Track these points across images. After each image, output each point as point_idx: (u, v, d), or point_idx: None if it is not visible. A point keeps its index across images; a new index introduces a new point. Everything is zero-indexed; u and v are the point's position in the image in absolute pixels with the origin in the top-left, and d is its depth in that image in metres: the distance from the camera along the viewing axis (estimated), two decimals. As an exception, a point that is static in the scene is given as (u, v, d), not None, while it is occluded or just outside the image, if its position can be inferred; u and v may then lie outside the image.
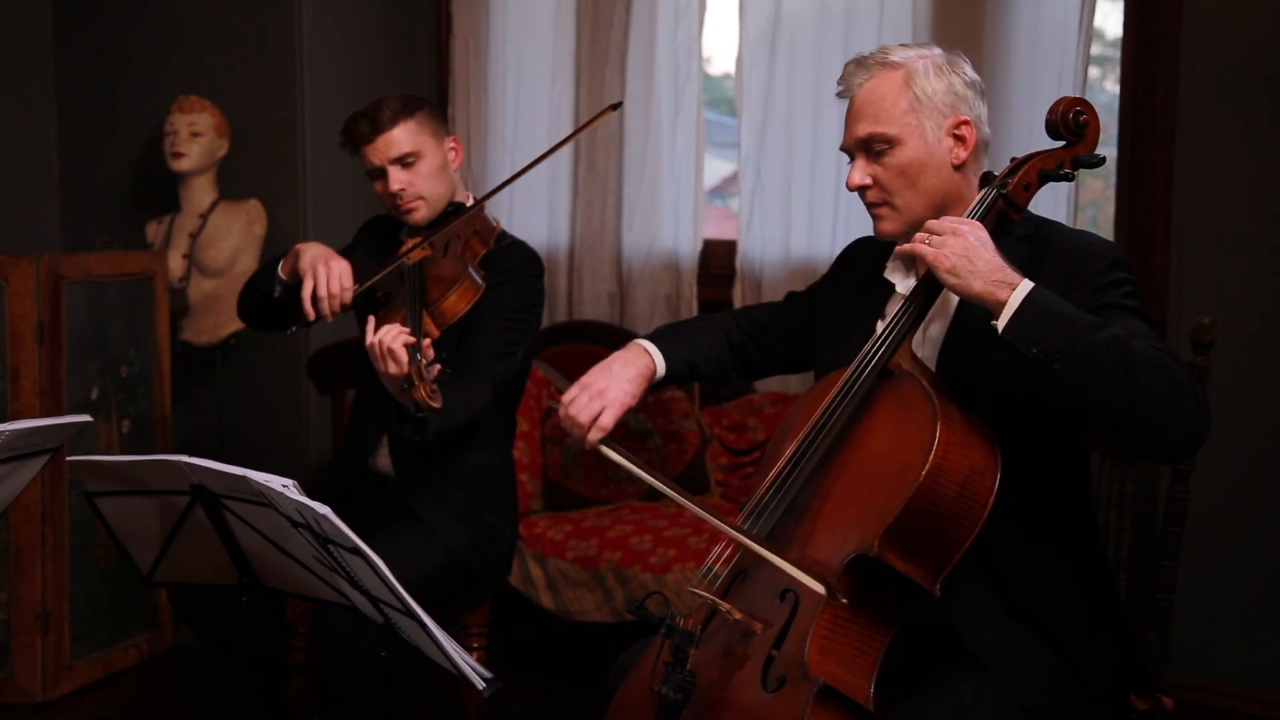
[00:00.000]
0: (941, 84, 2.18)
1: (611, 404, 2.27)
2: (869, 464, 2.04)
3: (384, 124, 2.95)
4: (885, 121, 2.17)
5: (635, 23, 4.28)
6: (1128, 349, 1.90)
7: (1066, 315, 1.95)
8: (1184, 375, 1.92)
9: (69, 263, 3.77)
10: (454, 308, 2.82)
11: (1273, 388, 3.49)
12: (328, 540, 2.07)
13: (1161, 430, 1.92)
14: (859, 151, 2.21)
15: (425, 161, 2.98)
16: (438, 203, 3.03)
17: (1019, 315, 1.94)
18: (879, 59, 2.21)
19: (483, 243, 2.99)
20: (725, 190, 4.80)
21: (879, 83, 2.19)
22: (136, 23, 4.49)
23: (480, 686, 2.05)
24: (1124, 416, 1.91)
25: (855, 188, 2.22)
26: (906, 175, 2.18)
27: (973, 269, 1.98)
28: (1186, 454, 2.00)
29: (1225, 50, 3.51)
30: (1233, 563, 3.56)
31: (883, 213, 2.22)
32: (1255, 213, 3.51)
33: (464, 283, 2.84)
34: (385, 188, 2.99)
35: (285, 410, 4.34)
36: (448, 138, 3.07)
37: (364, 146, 2.97)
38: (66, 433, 2.42)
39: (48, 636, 3.74)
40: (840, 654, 1.96)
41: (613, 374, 2.32)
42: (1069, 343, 1.92)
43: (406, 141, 2.96)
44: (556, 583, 3.69)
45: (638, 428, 3.99)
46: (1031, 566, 2.12)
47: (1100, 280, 2.08)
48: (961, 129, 2.18)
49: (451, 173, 3.08)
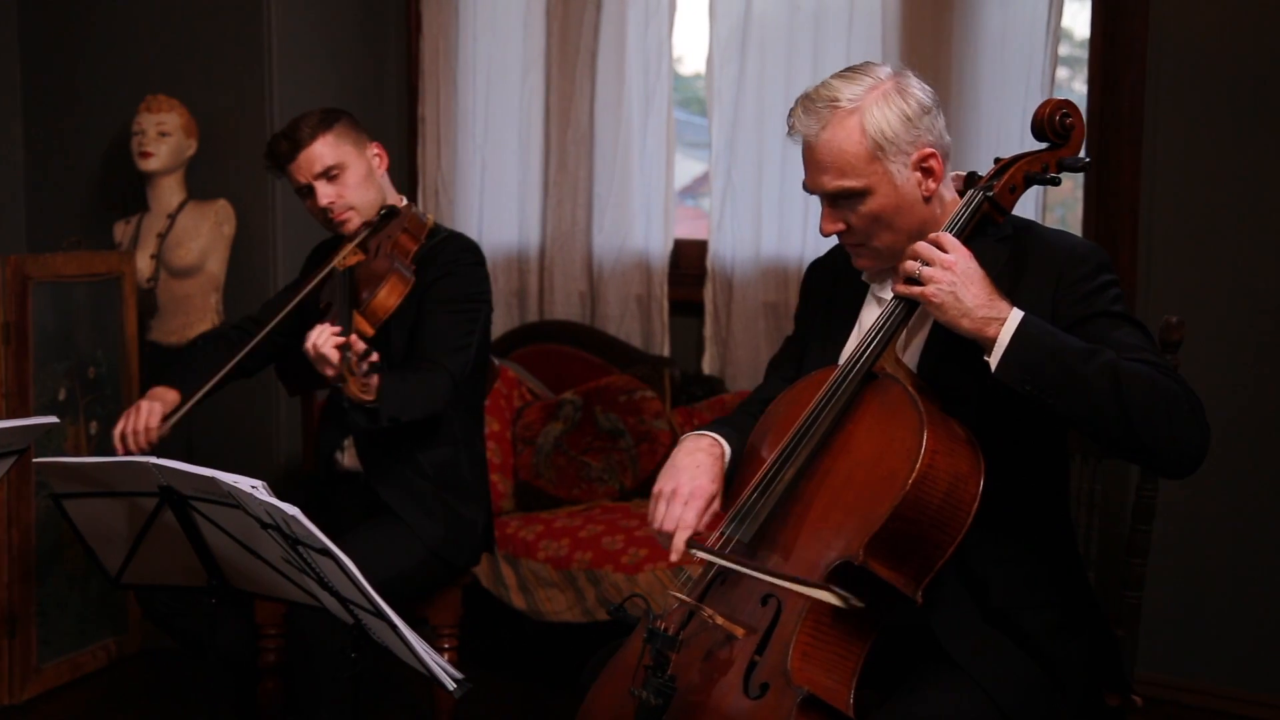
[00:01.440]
0: (897, 117, 2.11)
1: (692, 497, 2.15)
2: (854, 470, 2.03)
3: (304, 140, 2.99)
4: (851, 175, 2.12)
5: (605, 22, 4.28)
6: (1119, 376, 1.92)
7: (1057, 349, 1.95)
8: (1179, 392, 1.95)
9: (35, 263, 3.74)
10: (384, 303, 2.89)
11: (1241, 386, 3.52)
12: (297, 541, 2.06)
13: (1161, 451, 1.95)
14: (826, 203, 2.17)
15: (350, 172, 3.02)
16: (369, 210, 3.06)
17: (1010, 353, 1.95)
18: (828, 101, 2.12)
19: (412, 239, 3.04)
20: (696, 190, 4.80)
21: (835, 133, 2.11)
22: (104, 21, 4.47)
23: (451, 687, 2.04)
24: (1123, 442, 1.95)
25: (829, 235, 2.19)
26: (880, 220, 2.15)
27: (960, 306, 1.98)
28: (1190, 470, 1.99)
29: (1192, 51, 3.53)
30: (1201, 561, 3.59)
31: (859, 252, 2.21)
32: (1222, 212, 3.53)
33: (391, 277, 2.91)
34: (315, 203, 3.03)
35: (254, 411, 4.32)
36: (370, 144, 3.10)
37: (288, 165, 3.02)
38: (33, 434, 2.41)
39: (15, 640, 3.71)
40: (823, 660, 1.95)
41: (681, 470, 2.19)
42: (1062, 378, 1.93)
43: (328, 155, 3.00)
44: (528, 583, 3.69)
45: (609, 427, 3.99)
46: (1009, 570, 2.12)
47: (1087, 286, 2.08)
48: (929, 161, 2.14)
49: (379, 178, 3.11)
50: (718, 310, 4.20)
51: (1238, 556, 3.56)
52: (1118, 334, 2.03)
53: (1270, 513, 3.52)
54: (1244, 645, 3.56)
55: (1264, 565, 3.53)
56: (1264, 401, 3.50)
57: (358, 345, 2.62)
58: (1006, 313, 1.98)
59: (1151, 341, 2.07)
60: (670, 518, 2.13)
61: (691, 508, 2.14)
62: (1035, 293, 2.08)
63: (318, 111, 3.06)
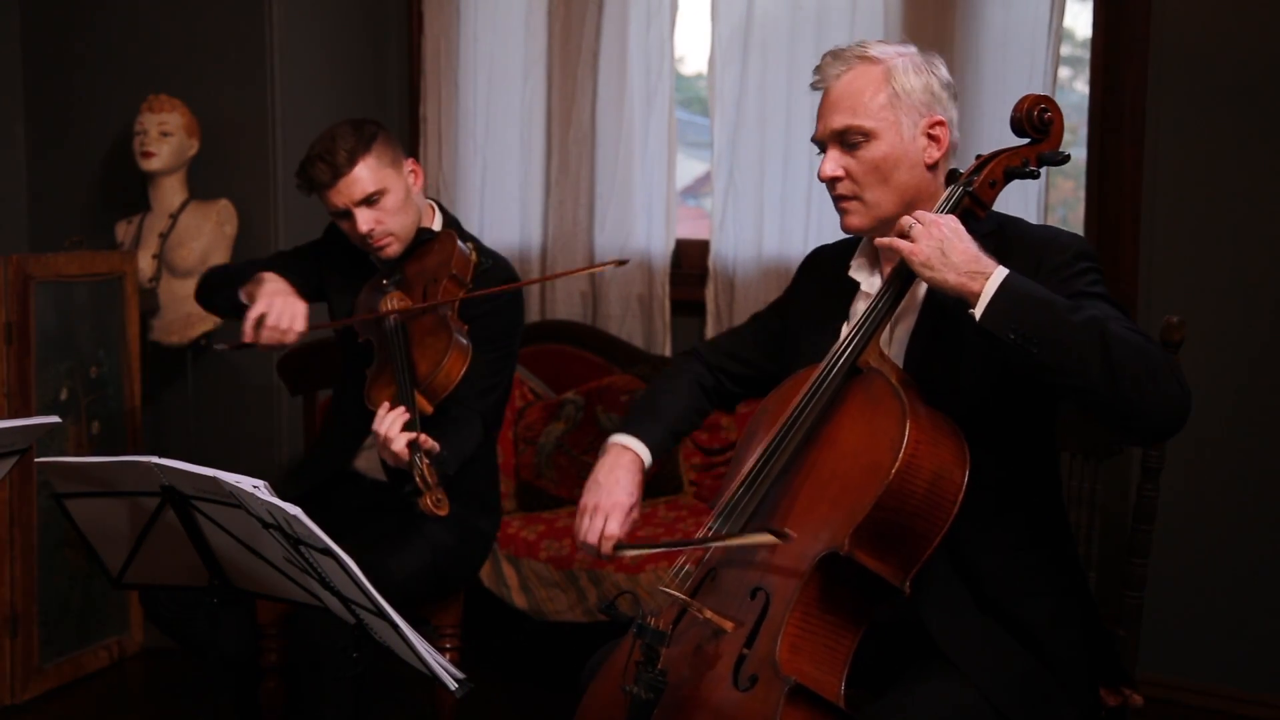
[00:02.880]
0: (920, 82, 2.18)
1: (612, 511, 2.28)
2: (839, 462, 2.05)
3: (343, 167, 2.85)
4: (862, 114, 2.17)
5: (607, 22, 4.28)
6: (1105, 330, 1.91)
7: (1043, 299, 1.95)
8: (1161, 354, 1.94)
9: (37, 263, 3.74)
10: (446, 382, 2.74)
11: (1242, 385, 3.52)
12: (299, 541, 2.06)
13: (1143, 409, 1.91)
14: (833, 143, 2.21)
15: (390, 196, 2.91)
16: (408, 234, 2.97)
17: (995, 302, 1.95)
18: (857, 52, 2.20)
19: (459, 285, 2.86)
20: (698, 190, 4.81)
21: (857, 76, 2.18)
22: (106, 21, 4.47)
23: (453, 687, 2.04)
24: (1105, 397, 1.91)
25: (827, 179, 2.21)
26: (879, 170, 2.17)
27: (946, 261, 1.99)
28: (1168, 432, 1.98)
29: (1194, 51, 3.53)
30: (1203, 560, 3.59)
31: (851, 206, 2.21)
32: (1224, 212, 3.53)
33: (452, 354, 2.74)
34: (354, 229, 2.92)
35: (256, 411, 4.32)
36: (406, 161, 2.98)
37: (326, 191, 2.89)
38: (35, 434, 2.41)
39: (16, 639, 3.72)
40: (811, 652, 1.96)
41: (602, 486, 2.32)
42: (1047, 326, 1.92)
43: (369, 180, 2.87)
44: (530, 583, 3.69)
45: (610, 427, 3.97)
46: (1001, 562, 2.13)
47: (1066, 271, 2.09)
48: (936, 129, 2.19)
49: (415, 197, 3.00)
50: (719, 310, 4.20)
51: (1238, 556, 3.56)
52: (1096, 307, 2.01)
53: (1270, 513, 3.52)
54: (1244, 645, 3.56)
55: (1264, 565, 3.53)
56: (1264, 401, 3.50)
57: (428, 444, 2.54)
58: (993, 268, 1.98)
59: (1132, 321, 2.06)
60: (593, 530, 2.27)
61: (613, 520, 2.27)
62: None
63: (350, 129, 2.90)
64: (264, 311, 2.84)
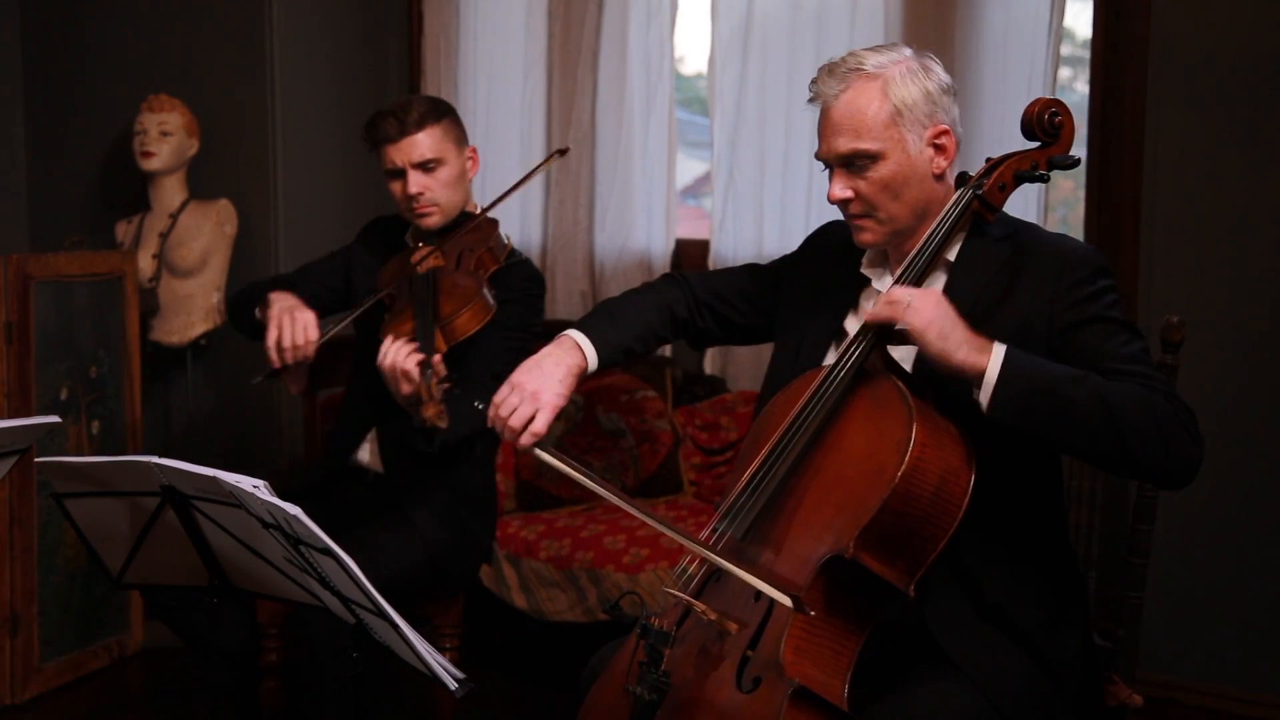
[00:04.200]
0: (918, 90, 2.15)
1: (544, 407, 2.21)
2: (845, 464, 2.04)
3: (411, 126, 2.95)
4: (867, 137, 2.14)
5: (607, 22, 4.28)
6: (1108, 401, 1.94)
7: (1045, 381, 1.97)
8: (1170, 409, 1.96)
9: (37, 263, 3.74)
10: (465, 326, 2.81)
11: (1242, 386, 3.52)
12: (299, 541, 2.06)
13: (1156, 468, 1.98)
14: (839, 165, 2.18)
15: (446, 169, 2.99)
16: (452, 210, 3.03)
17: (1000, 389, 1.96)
18: (853, 67, 2.16)
19: (494, 259, 2.99)
20: (698, 190, 4.81)
21: (856, 94, 2.15)
22: (105, 21, 4.47)
23: (453, 687, 2.04)
24: (1118, 464, 1.98)
25: (837, 201, 2.19)
26: (890, 188, 2.15)
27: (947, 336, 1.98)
28: (1186, 482, 2.02)
29: (1194, 51, 3.53)
30: (1201, 560, 3.58)
31: (865, 224, 2.20)
32: (1224, 212, 3.53)
33: (477, 302, 2.83)
34: (404, 189, 2.99)
35: (256, 410, 4.32)
36: (468, 147, 3.08)
37: (387, 146, 2.97)
38: (35, 434, 2.41)
39: (16, 639, 3.71)
40: (815, 655, 1.96)
41: (545, 373, 2.25)
42: (1053, 411, 1.96)
43: (431, 147, 2.97)
44: (530, 583, 3.69)
45: (610, 427, 3.99)
46: (1002, 566, 2.12)
47: (1085, 290, 2.09)
48: (942, 138, 2.17)
49: (467, 182, 3.08)
50: (719, 310, 4.19)
51: (1238, 556, 3.56)
52: (1113, 343, 2.05)
53: (1270, 513, 3.52)
54: (1244, 645, 3.56)
55: (1264, 565, 3.53)
56: (1264, 401, 3.50)
57: (440, 367, 2.57)
58: (989, 345, 1.99)
59: (1146, 349, 2.08)
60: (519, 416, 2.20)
61: (542, 417, 2.21)
62: (1033, 294, 2.09)
63: (428, 99, 3.04)
64: (276, 335, 2.88)
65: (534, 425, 2.21)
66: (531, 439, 2.20)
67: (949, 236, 2.14)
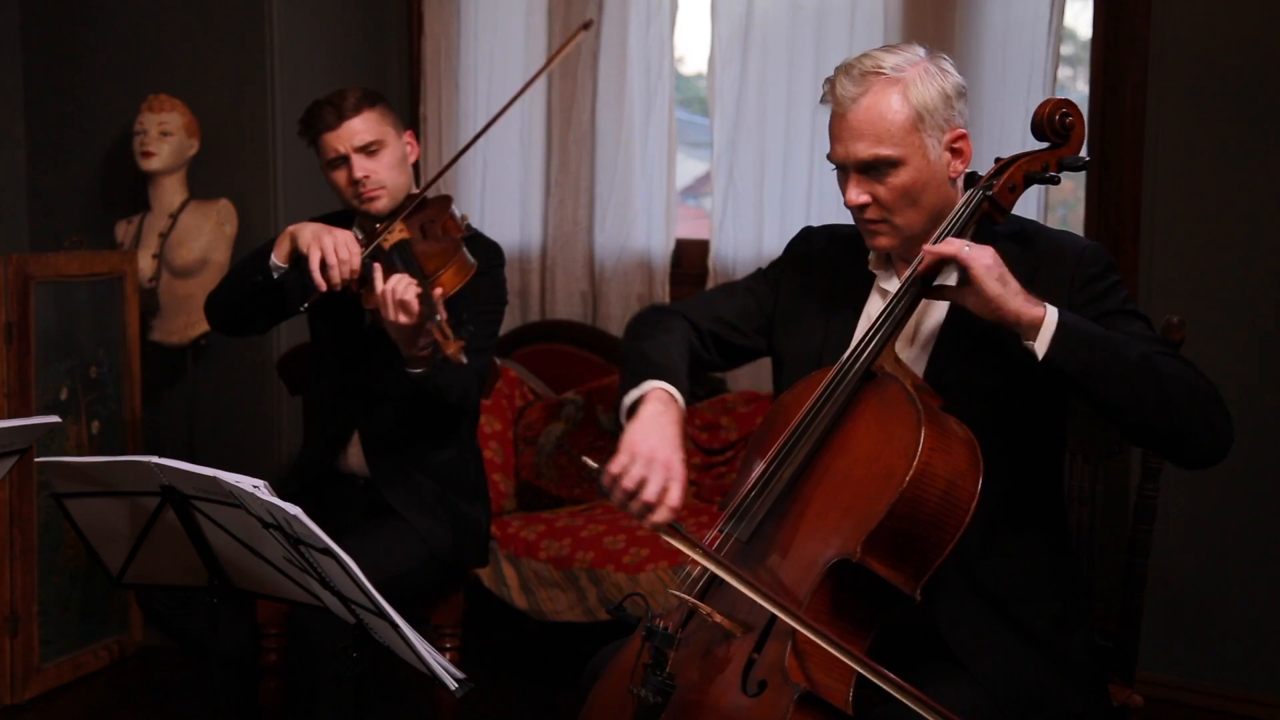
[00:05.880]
0: (937, 93, 2.11)
1: (676, 478, 2.02)
2: (852, 468, 2.03)
3: (348, 111, 2.98)
4: (888, 143, 2.10)
5: (607, 22, 4.28)
6: (1158, 366, 1.95)
7: (1100, 334, 1.98)
8: (1208, 387, 1.99)
9: (37, 262, 3.74)
10: (451, 281, 2.81)
11: (1242, 385, 3.51)
12: (299, 541, 2.06)
13: (1193, 442, 1.99)
14: (856, 169, 2.14)
15: (388, 151, 3.02)
16: (399, 193, 3.04)
17: (1057, 339, 1.96)
18: (870, 69, 2.11)
19: (458, 227, 2.99)
20: (698, 190, 4.80)
21: (876, 99, 2.10)
22: (105, 20, 4.47)
23: (452, 687, 2.04)
24: (1158, 429, 1.98)
25: (854, 207, 2.16)
26: (909, 194, 2.13)
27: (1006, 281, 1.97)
28: (1214, 461, 2.03)
29: (1194, 51, 3.53)
30: (1203, 560, 3.58)
31: (881, 229, 2.17)
32: (1224, 211, 3.53)
33: (458, 258, 2.85)
34: (348, 175, 2.99)
35: (256, 410, 4.32)
36: (405, 132, 3.11)
37: (326, 134, 2.99)
38: (35, 434, 2.41)
39: (16, 639, 3.71)
40: (821, 658, 1.94)
41: (665, 435, 2.07)
42: (1107, 364, 1.96)
43: (371, 130, 2.99)
44: (530, 583, 3.69)
45: (610, 427, 3.99)
46: (1009, 565, 2.13)
47: (1101, 285, 2.11)
48: (959, 142, 2.15)
49: (409, 165, 3.10)
50: (719, 310, 4.19)
51: (1238, 556, 3.56)
52: (1133, 329, 2.07)
53: (1271, 513, 3.52)
54: (1244, 645, 3.56)
55: (1264, 565, 3.52)
56: (1265, 401, 3.50)
57: (439, 292, 2.56)
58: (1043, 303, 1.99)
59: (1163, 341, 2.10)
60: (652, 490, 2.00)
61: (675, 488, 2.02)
62: (1049, 292, 2.08)
63: (360, 88, 3.06)
64: (319, 255, 2.84)
65: (669, 499, 2.01)
66: (669, 515, 2.01)
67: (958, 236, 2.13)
